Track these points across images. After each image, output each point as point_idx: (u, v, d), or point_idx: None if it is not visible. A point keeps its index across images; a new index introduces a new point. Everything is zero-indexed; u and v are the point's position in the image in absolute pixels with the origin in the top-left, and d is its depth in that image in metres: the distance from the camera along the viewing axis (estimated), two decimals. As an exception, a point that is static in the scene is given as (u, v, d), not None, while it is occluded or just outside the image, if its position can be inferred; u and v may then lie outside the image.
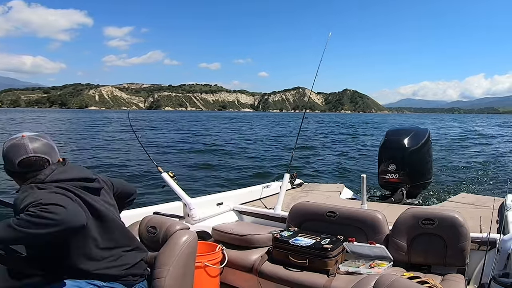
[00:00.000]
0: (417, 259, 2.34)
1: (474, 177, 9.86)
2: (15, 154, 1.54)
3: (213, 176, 9.99)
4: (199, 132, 29.99)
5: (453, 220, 2.25)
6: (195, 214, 3.00)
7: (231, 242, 2.75)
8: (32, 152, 1.55)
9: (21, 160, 1.53)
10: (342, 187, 4.46)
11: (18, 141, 1.56)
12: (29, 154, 1.54)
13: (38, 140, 1.59)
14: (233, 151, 16.20)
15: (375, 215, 2.53)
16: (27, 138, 1.57)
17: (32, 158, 1.54)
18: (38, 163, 1.56)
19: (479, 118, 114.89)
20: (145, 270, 1.77)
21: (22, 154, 1.54)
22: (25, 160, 1.54)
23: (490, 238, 2.28)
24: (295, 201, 3.11)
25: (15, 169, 1.56)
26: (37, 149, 1.57)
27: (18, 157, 1.53)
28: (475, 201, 3.50)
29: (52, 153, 1.62)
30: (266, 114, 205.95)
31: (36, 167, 1.56)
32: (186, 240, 1.82)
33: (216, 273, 2.48)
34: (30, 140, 1.57)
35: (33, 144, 1.56)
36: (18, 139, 1.57)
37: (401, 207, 3.13)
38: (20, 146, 1.54)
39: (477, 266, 2.31)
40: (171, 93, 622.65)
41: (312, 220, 2.73)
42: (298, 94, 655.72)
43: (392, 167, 4.74)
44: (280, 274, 2.37)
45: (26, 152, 1.54)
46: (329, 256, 2.31)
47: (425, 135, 4.96)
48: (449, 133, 30.70)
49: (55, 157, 1.63)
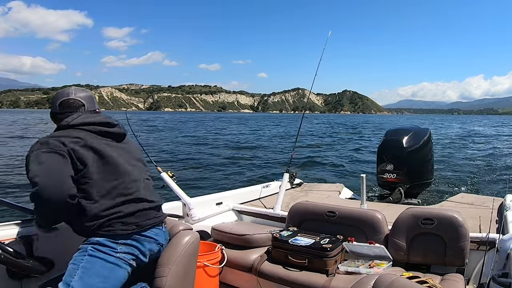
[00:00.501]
0: (416, 259, 2.34)
1: (473, 177, 9.88)
2: (60, 96, 1.85)
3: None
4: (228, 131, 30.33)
5: (453, 220, 2.25)
6: (195, 214, 3.00)
7: (230, 241, 2.75)
8: (73, 95, 1.84)
9: (62, 100, 1.82)
10: (342, 187, 4.46)
11: (67, 88, 1.89)
12: (69, 96, 1.83)
13: (83, 91, 1.91)
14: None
15: (374, 215, 2.53)
16: (74, 87, 1.91)
17: (71, 100, 1.83)
18: (74, 105, 1.83)
19: (478, 119, 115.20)
20: (147, 221, 1.74)
21: (64, 96, 1.84)
22: (65, 101, 1.83)
23: (490, 238, 2.28)
24: (295, 201, 3.11)
25: (56, 109, 1.83)
26: (78, 95, 1.86)
27: (60, 98, 1.83)
28: (475, 201, 3.50)
29: (90, 102, 1.88)
30: (269, 115, 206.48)
31: (72, 109, 1.81)
32: (189, 240, 1.83)
33: (216, 272, 2.48)
34: (76, 89, 1.89)
35: (77, 92, 1.87)
36: (68, 87, 1.90)
37: (400, 207, 3.13)
38: (66, 90, 1.87)
39: (476, 266, 2.30)
40: (170, 94, 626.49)
41: (311, 220, 2.73)
42: (297, 95, 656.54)
43: (390, 166, 4.74)
44: (280, 274, 2.37)
45: (68, 95, 1.84)
46: (328, 256, 2.30)
47: (425, 135, 4.96)
48: (449, 133, 30.76)
49: (91, 106, 1.88)
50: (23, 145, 15.66)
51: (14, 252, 1.76)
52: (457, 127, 47.83)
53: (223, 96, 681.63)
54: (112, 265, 1.60)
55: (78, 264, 1.58)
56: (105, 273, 1.58)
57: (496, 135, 30.46)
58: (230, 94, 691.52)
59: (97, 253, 1.60)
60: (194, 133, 28.84)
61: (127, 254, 1.65)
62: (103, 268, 1.59)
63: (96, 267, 1.58)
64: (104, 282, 1.57)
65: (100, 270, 1.58)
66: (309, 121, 61.49)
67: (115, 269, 1.61)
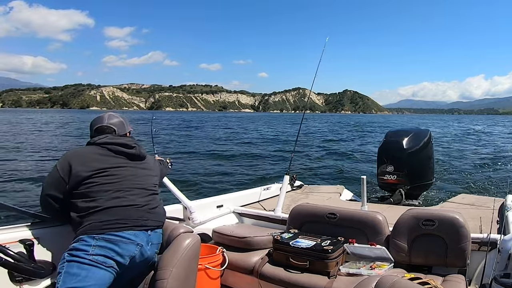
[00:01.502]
0: (417, 260, 2.34)
1: (474, 177, 9.87)
2: (95, 123, 2.18)
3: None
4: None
5: (454, 220, 2.25)
6: (196, 217, 3.01)
7: (231, 244, 2.76)
8: (105, 122, 2.17)
9: (97, 127, 2.15)
10: (342, 188, 4.47)
11: (102, 115, 2.22)
12: (103, 124, 2.16)
13: (114, 117, 2.22)
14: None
15: (375, 216, 2.53)
16: (108, 114, 2.24)
17: (104, 126, 2.15)
18: (107, 131, 2.13)
19: (478, 119, 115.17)
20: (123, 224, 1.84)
21: (98, 123, 2.17)
22: (99, 127, 2.15)
23: (491, 238, 2.28)
24: (295, 203, 3.11)
25: (92, 133, 2.16)
26: (110, 122, 2.17)
27: (95, 125, 2.17)
28: (475, 202, 3.50)
29: (120, 127, 2.19)
30: (271, 114, 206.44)
31: (104, 133, 2.11)
32: (190, 243, 1.84)
33: (217, 275, 2.49)
34: (109, 116, 2.21)
35: (110, 118, 2.19)
36: (103, 114, 2.23)
37: (401, 208, 3.13)
38: (100, 117, 2.20)
39: (478, 267, 2.31)
40: (172, 93, 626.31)
41: (312, 222, 2.73)
42: (298, 94, 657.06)
43: (391, 168, 4.75)
44: (281, 276, 2.37)
45: (101, 122, 2.17)
46: (329, 258, 2.31)
47: (425, 136, 4.96)
48: (449, 134, 30.77)
49: (122, 130, 2.19)
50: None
51: (14, 255, 1.77)
52: (456, 126, 47.83)
53: (224, 96, 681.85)
54: (88, 266, 1.68)
55: (61, 271, 1.69)
56: (83, 273, 1.67)
57: (496, 134, 30.49)
58: (231, 94, 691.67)
59: (72, 257, 1.70)
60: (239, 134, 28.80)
61: (100, 256, 1.72)
62: (79, 269, 1.67)
63: (74, 270, 1.67)
64: (82, 282, 1.65)
65: (77, 271, 1.67)
66: (319, 121, 61.72)
67: (92, 269, 1.69)
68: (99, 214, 1.81)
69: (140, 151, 2.12)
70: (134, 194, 1.95)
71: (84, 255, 1.70)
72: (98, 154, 1.98)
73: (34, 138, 21.78)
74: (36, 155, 14.11)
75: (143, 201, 1.97)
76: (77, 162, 1.91)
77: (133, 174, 2.02)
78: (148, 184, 2.08)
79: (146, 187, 2.05)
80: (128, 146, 2.06)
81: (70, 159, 1.93)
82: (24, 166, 11.17)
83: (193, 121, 55.20)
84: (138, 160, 2.11)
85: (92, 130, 2.17)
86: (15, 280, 1.87)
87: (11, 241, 1.90)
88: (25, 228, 2.04)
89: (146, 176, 2.09)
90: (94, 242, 1.73)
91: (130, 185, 1.97)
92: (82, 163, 1.91)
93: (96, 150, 1.99)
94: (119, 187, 1.92)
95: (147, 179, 2.08)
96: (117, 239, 1.77)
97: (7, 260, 1.71)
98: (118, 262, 1.76)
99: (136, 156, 2.09)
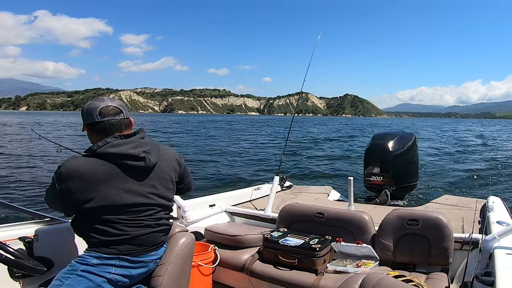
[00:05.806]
0: (402, 258, 2.40)
1: (457, 179, 10.11)
2: (89, 114, 1.63)
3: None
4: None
5: (437, 221, 2.31)
6: (189, 216, 3.04)
7: (223, 242, 2.80)
8: (99, 118, 1.61)
9: (90, 123, 1.63)
10: (330, 189, 4.54)
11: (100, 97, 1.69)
12: (97, 119, 1.61)
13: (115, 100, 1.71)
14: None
15: (362, 216, 2.60)
16: (107, 106, 1.65)
17: (101, 123, 1.62)
18: (104, 129, 1.62)
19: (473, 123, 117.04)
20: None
21: (92, 118, 1.62)
22: (93, 124, 1.62)
23: (473, 238, 2.35)
24: (285, 203, 3.16)
25: (92, 119, 1.62)
26: (107, 116, 1.63)
27: (88, 120, 1.63)
28: (458, 203, 3.59)
29: (122, 127, 1.67)
30: (277, 118, 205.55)
31: (103, 132, 1.62)
32: (185, 241, 1.87)
33: (209, 272, 2.53)
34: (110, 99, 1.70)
35: (112, 101, 1.69)
36: (101, 98, 1.69)
37: (387, 209, 3.20)
38: (101, 99, 1.67)
39: (460, 265, 2.37)
40: (183, 97, 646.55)
41: (301, 221, 2.79)
42: (301, 98, 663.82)
43: (377, 169, 4.87)
44: (270, 273, 2.43)
45: (96, 117, 1.62)
46: (317, 256, 2.37)
47: (410, 139, 5.09)
48: (436, 138, 31.27)
49: (123, 130, 1.67)
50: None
51: (14, 252, 1.79)
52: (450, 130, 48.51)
53: (231, 100, 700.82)
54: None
55: (63, 282, 1.46)
56: None
57: (481, 137, 31.14)
58: (238, 98, 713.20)
59: (86, 274, 1.48)
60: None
61: (119, 276, 1.56)
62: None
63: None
64: None
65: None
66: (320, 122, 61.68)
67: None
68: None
69: (148, 161, 1.69)
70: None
71: (102, 273, 1.51)
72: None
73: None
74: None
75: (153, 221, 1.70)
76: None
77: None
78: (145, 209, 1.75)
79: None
80: (134, 157, 1.63)
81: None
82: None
83: (205, 122, 54.45)
84: (139, 173, 1.69)
85: (92, 115, 1.63)
86: (15, 277, 1.89)
87: (11, 238, 1.93)
88: (25, 226, 2.06)
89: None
90: (114, 261, 1.56)
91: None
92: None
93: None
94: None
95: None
96: (132, 263, 1.62)
97: (7, 257, 1.73)
98: (128, 284, 1.64)
99: (141, 169, 1.69)
